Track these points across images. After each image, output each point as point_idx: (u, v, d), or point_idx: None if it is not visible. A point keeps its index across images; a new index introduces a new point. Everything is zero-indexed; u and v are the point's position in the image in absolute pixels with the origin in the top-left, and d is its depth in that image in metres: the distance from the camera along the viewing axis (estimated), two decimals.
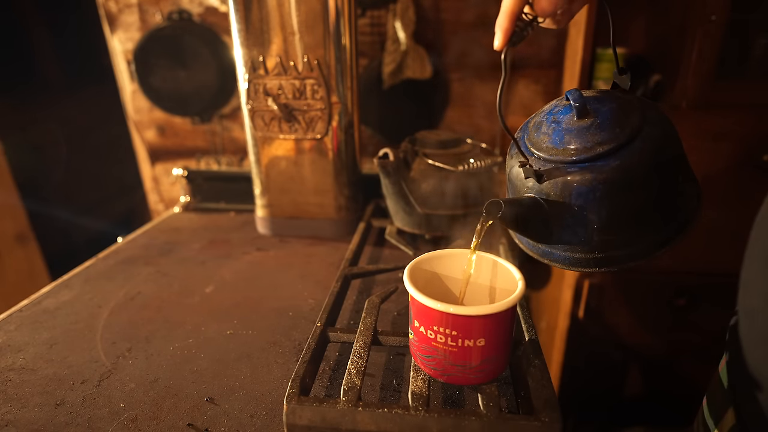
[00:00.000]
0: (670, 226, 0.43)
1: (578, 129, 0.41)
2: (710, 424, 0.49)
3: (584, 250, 0.42)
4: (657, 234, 0.42)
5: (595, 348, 1.15)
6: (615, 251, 0.42)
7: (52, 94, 1.57)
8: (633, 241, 0.42)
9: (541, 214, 0.42)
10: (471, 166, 0.72)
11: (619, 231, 0.41)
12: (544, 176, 0.42)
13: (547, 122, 0.44)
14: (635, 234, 0.42)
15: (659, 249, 0.42)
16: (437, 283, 0.48)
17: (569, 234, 0.42)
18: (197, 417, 0.45)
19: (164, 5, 1.16)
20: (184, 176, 1.02)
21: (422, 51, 1.09)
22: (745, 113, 0.95)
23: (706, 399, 0.51)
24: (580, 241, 0.42)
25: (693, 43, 0.92)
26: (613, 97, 0.43)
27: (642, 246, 0.42)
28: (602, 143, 0.40)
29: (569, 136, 0.41)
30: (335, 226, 0.86)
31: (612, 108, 0.42)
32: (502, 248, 0.72)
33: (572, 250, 0.43)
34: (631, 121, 0.41)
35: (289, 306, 0.64)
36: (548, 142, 0.43)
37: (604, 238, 0.41)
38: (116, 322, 0.61)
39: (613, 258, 0.42)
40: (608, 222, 0.41)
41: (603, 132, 0.40)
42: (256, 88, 0.77)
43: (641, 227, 0.42)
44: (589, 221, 0.41)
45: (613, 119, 0.41)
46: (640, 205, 0.41)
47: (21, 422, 0.45)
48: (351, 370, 0.43)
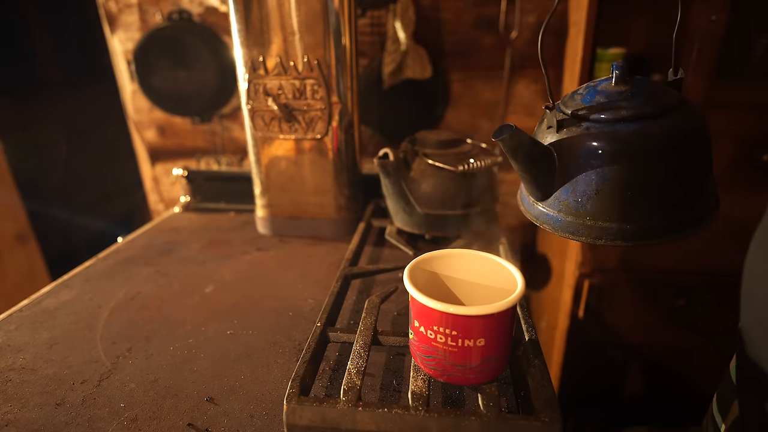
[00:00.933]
0: (671, 218, 0.41)
1: (611, 93, 0.41)
2: (718, 420, 0.49)
3: (577, 213, 0.42)
4: (653, 220, 0.41)
5: (595, 348, 1.15)
6: (606, 222, 0.41)
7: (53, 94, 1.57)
8: (627, 218, 0.40)
9: (549, 162, 0.42)
10: (471, 166, 0.72)
11: (617, 202, 0.40)
12: (563, 126, 0.42)
13: (586, 87, 0.44)
14: (632, 211, 0.40)
15: (651, 238, 0.41)
16: (437, 283, 0.48)
17: (569, 190, 0.42)
18: (197, 417, 0.45)
19: (164, 5, 1.16)
20: (184, 176, 1.02)
21: (422, 51, 1.09)
22: (745, 113, 0.95)
23: (716, 396, 0.52)
24: (576, 202, 0.41)
25: (693, 43, 0.92)
26: (657, 84, 0.43)
27: (635, 227, 0.41)
28: (629, 108, 0.40)
29: (600, 97, 0.42)
30: (335, 226, 0.86)
31: (651, 86, 0.42)
32: (502, 248, 0.72)
33: (566, 210, 0.42)
34: (664, 100, 0.40)
35: (289, 306, 0.64)
36: (579, 100, 0.43)
37: (601, 205, 0.40)
38: (116, 322, 0.61)
39: (603, 230, 0.41)
40: (610, 188, 0.40)
41: (633, 100, 0.40)
42: (256, 88, 0.77)
43: (640, 206, 0.40)
44: (591, 181, 0.40)
45: (647, 93, 0.41)
46: (646, 181, 0.40)
47: (21, 422, 0.45)
48: (351, 370, 0.43)
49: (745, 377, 0.45)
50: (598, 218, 0.41)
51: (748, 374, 0.44)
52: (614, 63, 0.42)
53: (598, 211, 0.41)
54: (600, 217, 0.41)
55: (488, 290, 0.47)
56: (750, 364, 0.43)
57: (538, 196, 0.44)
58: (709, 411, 0.52)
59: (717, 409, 0.50)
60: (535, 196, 0.45)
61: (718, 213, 0.43)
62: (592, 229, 0.41)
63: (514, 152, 0.41)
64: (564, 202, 0.42)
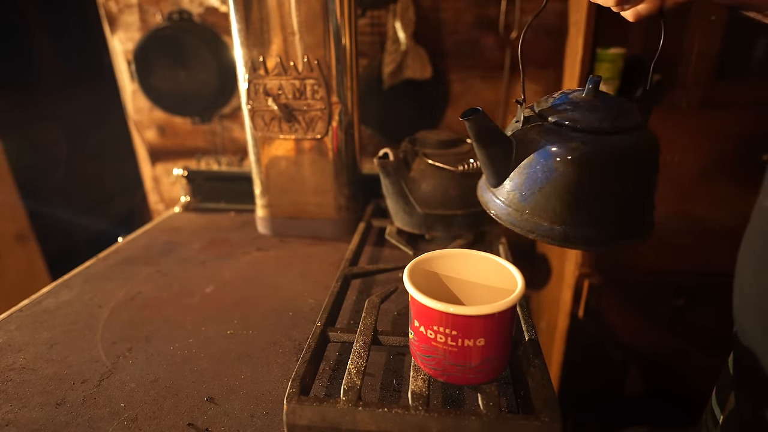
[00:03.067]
0: (598, 230, 0.43)
1: (580, 102, 0.44)
2: (717, 412, 0.50)
3: (519, 206, 0.44)
4: (581, 228, 0.43)
5: (594, 347, 1.15)
6: (540, 220, 0.43)
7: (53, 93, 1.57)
8: (558, 220, 0.43)
9: (507, 151, 0.44)
10: (471, 166, 0.72)
11: (554, 203, 0.42)
12: (528, 122, 0.45)
13: (561, 93, 0.47)
14: (564, 215, 0.43)
15: (573, 243, 0.43)
16: (437, 283, 0.48)
17: (516, 182, 0.44)
18: (197, 417, 0.45)
19: (164, 5, 1.16)
20: (184, 176, 1.02)
21: (422, 51, 1.09)
22: (745, 113, 0.95)
23: (715, 389, 0.52)
24: (521, 195, 0.44)
25: (693, 43, 0.93)
26: (626, 104, 0.45)
27: (562, 230, 0.43)
28: (588, 120, 0.42)
29: (569, 105, 0.44)
30: (335, 226, 0.86)
31: (619, 105, 0.44)
32: (502, 248, 0.72)
33: (510, 201, 0.45)
34: (624, 121, 0.43)
35: (289, 306, 0.65)
36: (550, 103, 0.46)
37: (540, 202, 0.43)
38: (116, 322, 0.61)
39: (536, 225, 0.43)
40: (551, 188, 0.42)
41: (596, 114, 0.43)
42: (256, 88, 0.77)
43: (573, 212, 0.43)
44: (537, 179, 0.43)
45: (611, 111, 0.43)
46: (584, 191, 0.42)
47: (21, 422, 0.45)
48: (351, 369, 0.43)
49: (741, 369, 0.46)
50: (534, 214, 0.43)
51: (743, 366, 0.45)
52: (591, 76, 0.45)
53: (536, 207, 0.43)
54: (536, 213, 0.43)
55: (488, 290, 0.47)
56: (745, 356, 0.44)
57: (493, 182, 0.47)
58: (709, 404, 0.53)
59: (716, 401, 0.51)
60: (490, 181, 0.47)
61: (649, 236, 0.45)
62: (526, 222, 0.44)
63: (477, 135, 0.44)
64: (512, 193, 0.45)
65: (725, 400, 0.49)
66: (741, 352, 0.45)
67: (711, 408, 0.52)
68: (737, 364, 0.47)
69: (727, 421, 0.48)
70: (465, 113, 0.42)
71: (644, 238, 0.45)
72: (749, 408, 0.44)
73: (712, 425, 0.51)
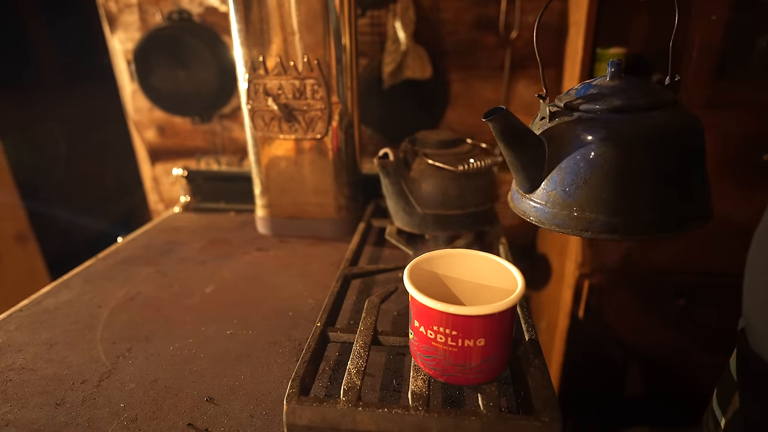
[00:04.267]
0: (661, 214, 0.40)
1: (605, 86, 0.41)
2: (718, 414, 0.50)
3: (564, 203, 0.41)
4: (642, 215, 0.40)
5: (595, 347, 1.15)
6: (593, 214, 0.40)
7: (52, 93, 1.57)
8: (616, 210, 0.39)
9: (539, 151, 0.41)
10: (471, 166, 0.72)
11: (606, 192, 0.39)
12: (556, 117, 0.42)
13: (581, 84, 0.44)
14: (620, 203, 0.39)
15: (639, 234, 0.40)
16: (437, 283, 0.48)
17: (556, 179, 0.41)
18: (197, 417, 0.45)
19: (164, 5, 1.16)
20: (184, 176, 1.02)
21: (422, 51, 1.09)
22: (745, 113, 0.95)
23: (716, 391, 0.52)
24: (564, 191, 0.40)
25: (693, 43, 0.92)
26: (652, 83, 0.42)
27: (623, 221, 0.39)
28: (622, 99, 0.39)
29: (593, 90, 0.42)
30: (335, 226, 0.86)
31: (645, 83, 0.42)
32: (502, 248, 0.72)
33: (553, 201, 0.41)
34: (658, 96, 0.40)
35: (289, 306, 0.64)
36: (573, 94, 0.43)
37: (589, 195, 0.39)
38: (116, 322, 0.61)
39: (590, 221, 0.40)
40: (598, 177, 0.39)
41: (627, 93, 0.40)
42: (256, 88, 0.77)
43: (629, 199, 0.39)
44: (580, 170, 0.39)
45: (643, 89, 0.41)
46: (636, 173, 0.39)
47: (21, 422, 0.45)
48: (351, 370, 0.43)
49: (747, 370, 0.45)
50: (585, 209, 0.40)
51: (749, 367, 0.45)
52: (611, 60, 0.43)
53: (586, 201, 0.40)
54: (587, 208, 0.40)
55: (488, 290, 0.47)
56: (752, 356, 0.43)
57: (527, 187, 0.44)
58: (710, 406, 0.53)
59: (717, 403, 0.51)
60: (524, 187, 0.44)
61: (710, 220, 0.42)
62: (578, 221, 0.40)
63: (504, 135, 0.40)
64: (552, 192, 0.41)
65: (727, 402, 0.49)
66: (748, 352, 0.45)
67: (712, 410, 0.52)
68: (742, 364, 0.47)
69: (730, 423, 0.47)
70: (488, 113, 0.39)
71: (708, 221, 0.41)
72: (755, 408, 0.44)
73: (713, 427, 0.51)
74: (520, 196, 0.45)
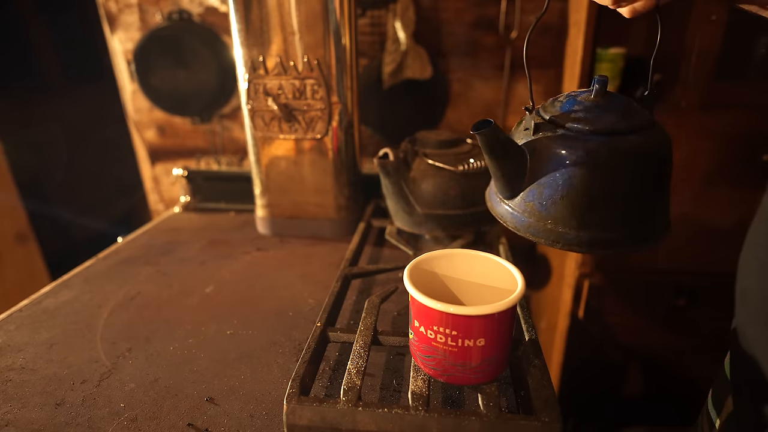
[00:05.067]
0: (625, 232, 0.43)
1: (589, 105, 0.43)
2: (713, 415, 0.50)
3: (540, 216, 0.43)
4: (608, 231, 0.42)
5: (595, 348, 1.15)
6: (565, 228, 0.42)
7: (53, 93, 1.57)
8: (585, 226, 0.42)
9: (521, 162, 0.43)
10: (471, 166, 0.72)
11: (578, 209, 0.42)
12: (539, 130, 0.44)
13: (567, 96, 0.46)
14: (590, 220, 0.42)
15: (602, 248, 0.42)
16: (437, 283, 0.48)
17: (535, 192, 0.43)
18: (197, 417, 0.45)
19: (164, 5, 1.16)
20: (184, 176, 1.02)
21: (422, 51, 1.09)
22: (745, 113, 0.95)
23: (711, 393, 0.52)
24: (541, 204, 0.43)
25: (693, 43, 0.92)
26: (632, 102, 0.44)
27: (589, 236, 0.42)
28: (603, 121, 0.42)
29: (579, 107, 0.43)
30: (335, 226, 0.86)
31: (627, 104, 0.44)
32: (502, 248, 0.72)
33: (530, 212, 0.44)
34: (637, 119, 0.42)
35: (289, 306, 0.64)
36: (558, 108, 0.45)
37: (563, 210, 0.42)
38: (116, 322, 0.61)
39: (560, 235, 0.42)
40: (574, 195, 0.41)
41: (608, 114, 0.42)
42: (256, 88, 0.77)
43: (598, 216, 0.42)
44: (558, 186, 0.42)
45: (622, 110, 0.43)
46: (608, 193, 0.41)
47: (21, 422, 0.45)
48: (351, 370, 0.43)
49: (739, 373, 0.45)
50: (558, 223, 0.42)
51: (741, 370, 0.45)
52: (596, 77, 0.44)
53: (560, 216, 0.42)
54: (560, 222, 0.42)
55: (488, 290, 0.47)
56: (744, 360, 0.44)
57: (507, 195, 0.46)
58: (704, 407, 0.53)
59: (712, 405, 0.51)
60: (504, 193, 0.46)
61: (668, 234, 0.45)
62: (551, 233, 0.43)
63: (489, 147, 0.42)
64: (530, 204, 0.44)
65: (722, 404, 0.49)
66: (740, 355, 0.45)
67: (707, 411, 0.52)
68: (735, 366, 0.47)
69: (725, 424, 0.48)
70: (476, 126, 0.41)
71: (664, 236, 0.44)
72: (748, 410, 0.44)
73: (708, 428, 0.51)
74: (499, 200, 0.48)
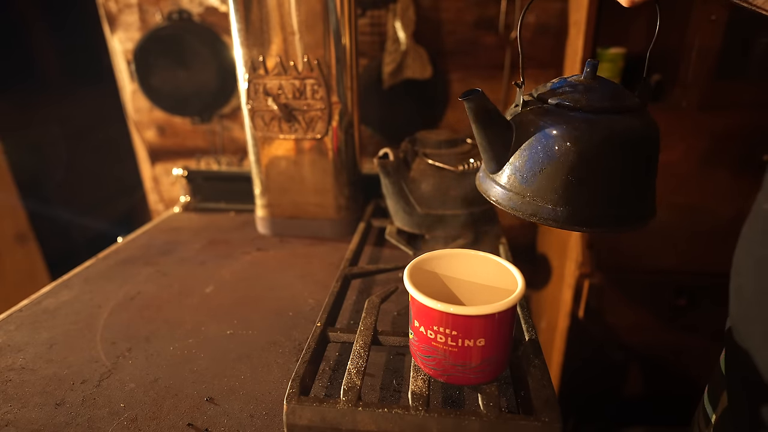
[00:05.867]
0: (604, 211, 0.43)
1: (578, 85, 0.44)
2: (709, 411, 0.50)
3: (520, 189, 0.43)
4: (586, 209, 0.42)
5: (595, 348, 1.15)
6: (542, 202, 0.42)
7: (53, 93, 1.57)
8: (562, 201, 0.42)
9: (506, 135, 0.44)
10: (471, 166, 0.72)
11: (557, 183, 0.42)
12: (527, 106, 0.45)
13: (559, 78, 0.47)
14: (568, 197, 0.42)
15: (580, 225, 0.43)
16: (437, 283, 0.48)
17: (516, 165, 0.44)
18: (197, 417, 0.45)
19: (164, 5, 1.16)
20: (184, 176, 1.02)
21: (422, 51, 1.09)
22: (745, 113, 0.95)
23: (707, 388, 0.52)
24: (522, 177, 0.43)
25: (693, 42, 0.92)
26: (623, 88, 0.45)
27: (567, 212, 0.42)
28: (589, 100, 0.42)
29: (567, 87, 0.44)
30: (335, 226, 0.86)
31: (616, 88, 0.44)
32: (502, 248, 0.72)
33: (510, 185, 0.44)
34: (625, 101, 0.43)
35: (289, 306, 0.64)
36: (549, 86, 0.45)
37: (542, 184, 0.42)
38: (116, 322, 0.61)
39: (538, 208, 0.43)
40: (553, 169, 0.42)
41: (596, 94, 0.43)
42: (256, 88, 0.77)
43: (577, 193, 0.42)
44: (539, 159, 0.42)
45: (612, 92, 0.43)
46: (588, 171, 0.41)
47: (21, 422, 0.45)
48: (351, 370, 0.43)
49: (735, 368, 0.46)
50: (536, 196, 0.43)
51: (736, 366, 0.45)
52: (588, 60, 0.45)
53: (538, 189, 0.42)
54: (538, 195, 0.43)
55: (488, 290, 0.47)
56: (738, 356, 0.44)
57: (492, 167, 0.46)
58: (701, 403, 0.53)
59: (708, 400, 0.51)
60: (489, 166, 0.46)
61: (652, 220, 0.45)
62: (529, 206, 0.43)
63: (476, 115, 0.43)
64: (512, 176, 0.44)
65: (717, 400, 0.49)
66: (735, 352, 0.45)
67: (703, 407, 0.52)
68: (730, 362, 0.47)
69: (720, 419, 0.48)
70: (464, 93, 0.42)
71: (646, 222, 0.44)
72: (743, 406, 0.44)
73: (704, 425, 0.51)
74: (486, 176, 0.48)
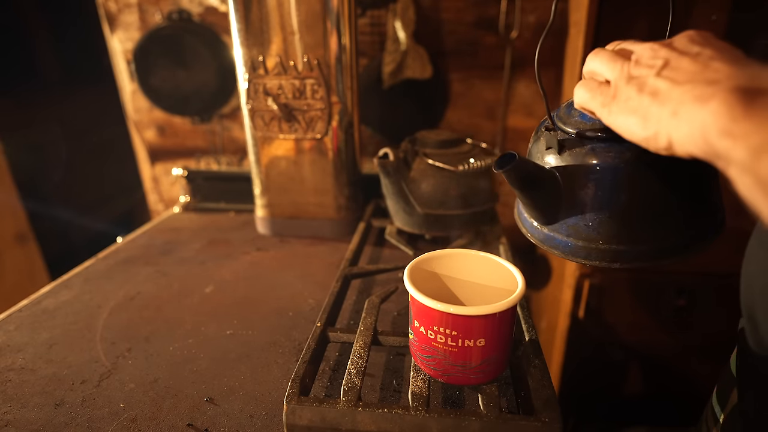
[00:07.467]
0: (684, 235, 0.40)
1: None
2: (717, 410, 0.50)
3: (588, 237, 0.40)
4: (668, 239, 0.39)
5: (595, 348, 1.15)
6: (619, 245, 0.39)
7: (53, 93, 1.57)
8: (642, 239, 0.39)
9: (554, 188, 0.39)
10: (471, 166, 0.72)
11: (630, 223, 0.39)
12: (565, 147, 0.40)
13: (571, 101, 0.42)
14: (645, 232, 0.39)
15: (667, 257, 0.39)
16: (437, 283, 0.48)
17: (577, 214, 0.40)
18: (197, 417, 0.45)
19: (164, 5, 1.16)
20: (184, 176, 1.02)
21: (422, 51, 1.09)
22: None
23: (716, 389, 0.52)
24: (587, 226, 0.39)
25: None
26: None
27: (649, 248, 0.39)
28: None
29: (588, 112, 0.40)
30: (335, 226, 0.86)
31: None
32: (502, 248, 0.72)
33: (576, 235, 0.40)
34: None
35: (289, 306, 0.64)
36: (577, 117, 0.41)
37: (612, 228, 0.39)
38: (116, 322, 0.61)
39: (618, 253, 0.39)
40: (621, 209, 0.38)
41: None
42: (256, 88, 0.77)
43: (654, 226, 0.39)
44: (602, 203, 0.39)
45: None
46: (658, 201, 0.38)
47: (21, 422, 0.45)
48: (351, 370, 0.43)
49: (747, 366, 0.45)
50: (611, 242, 0.39)
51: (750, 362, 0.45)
52: None
53: (611, 234, 0.39)
54: (613, 241, 0.39)
55: (488, 290, 0.47)
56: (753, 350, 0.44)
57: (543, 221, 0.43)
58: (709, 403, 0.53)
59: (716, 400, 0.51)
60: (540, 220, 0.43)
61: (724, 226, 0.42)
62: (606, 253, 0.39)
63: (519, 182, 0.39)
64: (573, 227, 0.40)
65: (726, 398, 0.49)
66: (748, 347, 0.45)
67: (711, 406, 0.52)
68: (742, 360, 0.47)
69: (729, 419, 0.48)
70: (500, 163, 0.38)
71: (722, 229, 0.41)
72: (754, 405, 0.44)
73: (713, 424, 0.51)
74: (537, 225, 0.44)
